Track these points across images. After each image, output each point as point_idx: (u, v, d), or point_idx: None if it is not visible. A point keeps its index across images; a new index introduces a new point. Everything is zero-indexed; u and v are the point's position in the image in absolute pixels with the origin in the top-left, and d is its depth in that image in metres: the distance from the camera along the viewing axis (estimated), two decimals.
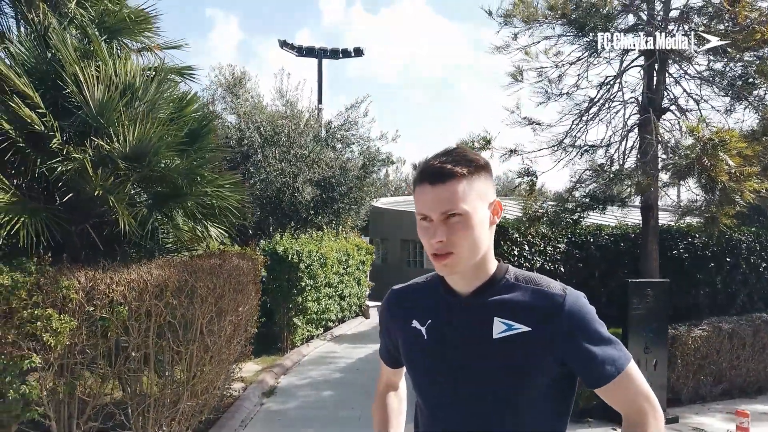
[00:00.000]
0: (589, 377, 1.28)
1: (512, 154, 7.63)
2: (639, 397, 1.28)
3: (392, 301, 1.51)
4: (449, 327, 1.34)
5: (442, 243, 1.22)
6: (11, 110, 4.14)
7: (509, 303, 1.29)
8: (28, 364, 3.72)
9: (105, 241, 5.18)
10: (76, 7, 5.07)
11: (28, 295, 3.75)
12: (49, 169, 4.17)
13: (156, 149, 4.47)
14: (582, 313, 1.26)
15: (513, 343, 1.26)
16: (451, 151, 1.29)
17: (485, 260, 1.31)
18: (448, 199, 1.21)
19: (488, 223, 1.29)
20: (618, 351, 1.28)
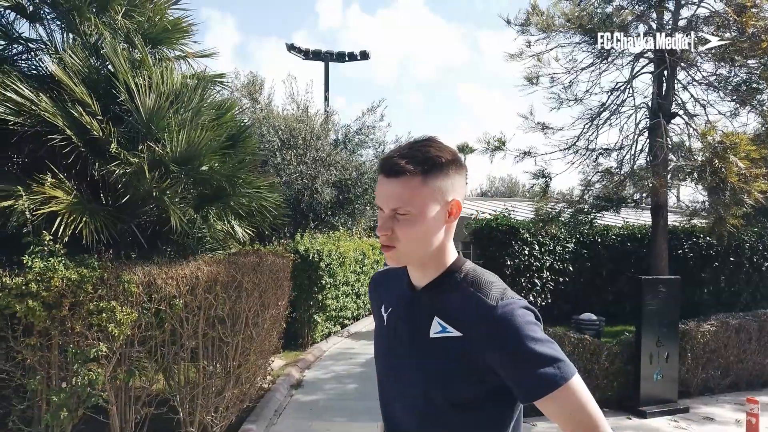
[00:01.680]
0: (517, 392, 1.20)
1: (526, 156, 7.94)
2: (578, 416, 1.17)
3: (373, 283, 1.55)
4: (401, 318, 1.35)
5: (387, 236, 1.23)
6: (73, 117, 4.44)
7: (449, 304, 1.27)
8: (95, 353, 4.02)
9: (147, 240, 5.49)
10: (123, 18, 5.37)
11: (93, 288, 4.06)
12: (106, 172, 4.46)
13: (203, 153, 4.77)
14: (512, 325, 1.17)
15: (445, 346, 1.24)
16: (416, 144, 1.27)
17: (438, 256, 1.29)
18: (397, 196, 1.21)
19: (442, 221, 1.26)
20: (553, 368, 1.17)
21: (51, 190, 4.22)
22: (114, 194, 4.94)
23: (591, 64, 7.58)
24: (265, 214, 5.58)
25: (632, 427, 5.69)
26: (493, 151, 7.90)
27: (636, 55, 7.00)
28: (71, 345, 4.03)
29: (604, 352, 6.02)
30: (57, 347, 4.10)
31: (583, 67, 7.74)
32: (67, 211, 4.21)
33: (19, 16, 5.30)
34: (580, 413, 1.16)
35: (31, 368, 4.07)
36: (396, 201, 1.21)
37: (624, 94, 7.62)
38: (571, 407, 1.17)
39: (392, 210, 1.22)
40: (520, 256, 10.53)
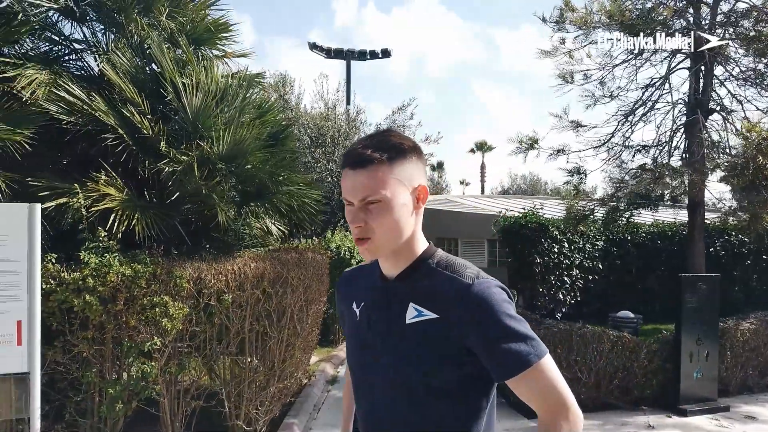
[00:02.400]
0: (493, 369, 1.22)
1: (559, 154, 7.90)
2: (549, 396, 1.20)
3: (341, 282, 1.55)
4: (374, 310, 1.36)
5: (361, 228, 1.23)
6: (123, 116, 4.54)
7: (424, 289, 1.28)
8: (149, 346, 4.12)
9: (189, 236, 5.59)
10: (167, 19, 5.47)
11: (146, 284, 4.15)
12: (156, 170, 4.55)
13: (248, 151, 4.84)
14: (489, 302, 1.20)
15: (422, 330, 1.25)
16: (375, 135, 1.29)
17: (410, 244, 1.31)
18: (366, 186, 1.22)
19: (411, 207, 1.28)
20: (527, 346, 1.20)
21: (104, 188, 4.32)
22: (159, 192, 5.04)
23: (625, 60, 7.52)
24: (305, 211, 5.64)
25: (674, 425, 5.66)
26: (526, 150, 7.88)
27: (673, 51, 6.94)
28: (125, 339, 4.12)
29: (643, 349, 5.98)
30: (111, 341, 4.20)
31: (617, 63, 7.69)
32: (120, 208, 4.31)
33: (62, 17, 5.42)
34: (552, 390, 1.20)
35: (86, 361, 4.17)
36: (365, 190, 1.22)
37: (659, 91, 7.55)
38: (544, 384, 1.20)
39: (362, 200, 1.23)
40: (549, 253, 10.49)
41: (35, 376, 3.76)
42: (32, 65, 4.73)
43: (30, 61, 4.78)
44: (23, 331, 3.74)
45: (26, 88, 4.55)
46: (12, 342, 3.75)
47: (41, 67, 4.79)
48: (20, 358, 3.74)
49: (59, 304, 4.00)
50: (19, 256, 3.72)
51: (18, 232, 3.71)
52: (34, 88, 4.57)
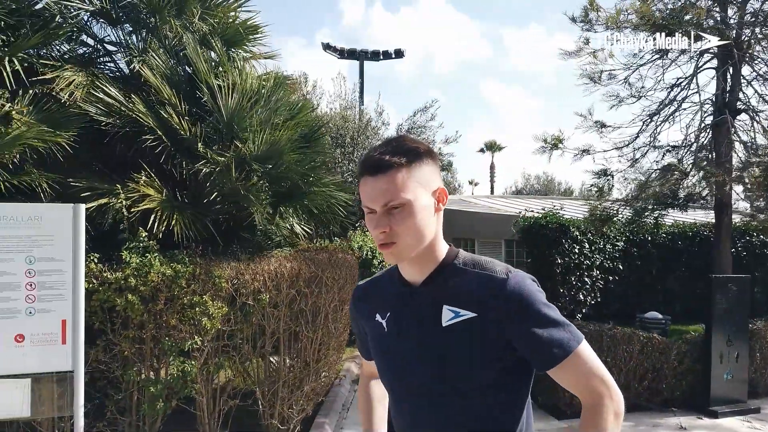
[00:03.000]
0: (536, 360, 1.24)
1: (584, 154, 7.88)
2: (592, 378, 1.22)
3: (357, 297, 1.53)
4: (404, 317, 1.34)
5: (386, 234, 1.23)
6: (161, 118, 4.58)
7: (456, 289, 1.28)
8: (190, 345, 4.16)
9: (221, 236, 5.63)
10: (199, 21, 5.51)
11: (186, 283, 4.18)
12: (194, 170, 4.59)
13: (283, 152, 4.87)
14: (525, 294, 1.22)
15: (461, 330, 1.24)
16: (391, 141, 1.29)
17: (433, 247, 1.31)
18: (387, 190, 1.21)
19: (433, 210, 1.28)
20: (567, 332, 1.23)
21: (144, 189, 4.37)
22: (191, 192, 5.07)
23: (651, 60, 7.49)
24: (334, 212, 5.66)
25: (705, 426, 5.63)
26: (550, 149, 7.87)
27: (701, 50, 6.91)
28: (166, 338, 4.16)
29: (673, 351, 5.96)
30: (151, 340, 4.24)
31: (642, 63, 7.66)
32: (159, 209, 4.35)
33: (95, 19, 5.47)
34: (594, 374, 1.23)
35: (127, 360, 4.22)
36: (387, 195, 1.21)
37: (685, 91, 7.51)
38: (585, 369, 1.22)
39: (384, 206, 1.22)
40: (570, 254, 10.45)
41: (79, 374, 3.81)
42: (69, 67, 4.79)
43: (67, 63, 4.85)
44: (68, 330, 3.79)
45: (64, 90, 4.62)
46: (57, 341, 3.80)
47: (78, 69, 4.85)
48: (65, 356, 3.79)
49: (101, 303, 4.05)
50: (64, 256, 3.77)
51: (63, 233, 3.77)
52: (72, 90, 4.64)
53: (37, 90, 4.61)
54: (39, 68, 4.68)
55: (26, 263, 3.70)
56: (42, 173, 4.19)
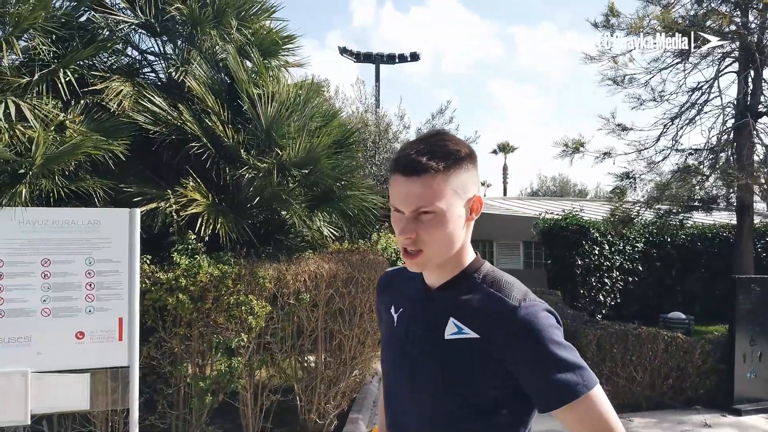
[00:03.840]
0: (537, 399, 1.14)
1: (606, 157, 8.03)
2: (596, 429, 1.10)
3: (380, 286, 1.50)
4: (413, 319, 1.30)
5: (412, 240, 1.16)
6: (206, 126, 4.81)
7: (467, 305, 1.21)
8: (237, 342, 4.37)
9: (257, 238, 5.85)
10: (236, 32, 5.73)
11: (233, 283, 4.40)
12: (238, 176, 4.81)
13: (319, 158, 5.08)
14: (535, 328, 1.12)
15: (460, 347, 1.18)
16: (430, 139, 1.20)
17: (458, 256, 1.24)
18: (420, 196, 1.14)
19: (464, 220, 1.21)
20: (576, 376, 1.11)
21: (191, 193, 4.59)
22: (235, 196, 5.29)
23: (672, 64, 7.62)
24: (365, 215, 5.86)
25: (730, 424, 5.75)
26: (572, 153, 8.02)
27: (723, 54, 7.03)
28: (214, 335, 4.38)
29: (697, 350, 6.09)
30: (199, 337, 4.46)
31: (663, 67, 7.79)
32: (205, 212, 4.57)
33: (135, 30, 5.71)
34: (602, 424, 1.10)
35: (176, 356, 4.44)
36: (419, 200, 1.14)
37: (707, 95, 7.63)
38: (592, 418, 1.10)
39: (414, 211, 1.15)
40: (590, 255, 10.59)
41: (134, 369, 4.02)
42: (117, 77, 5.03)
43: (114, 74, 5.08)
44: (124, 328, 4.01)
45: (113, 100, 4.85)
46: (114, 337, 4.02)
47: (124, 79, 5.08)
48: (121, 352, 4.01)
49: (153, 302, 4.28)
50: (120, 258, 3.99)
51: (120, 235, 3.99)
52: (120, 100, 4.87)
53: (88, 100, 4.84)
54: (89, 79, 4.92)
55: (86, 264, 3.92)
56: (96, 179, 4.42)
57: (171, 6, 5.27)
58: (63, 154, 3.98)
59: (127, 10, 5.39)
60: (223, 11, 5.62)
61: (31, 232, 3.81)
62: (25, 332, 3.82)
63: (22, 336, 3.82)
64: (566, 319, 6.32)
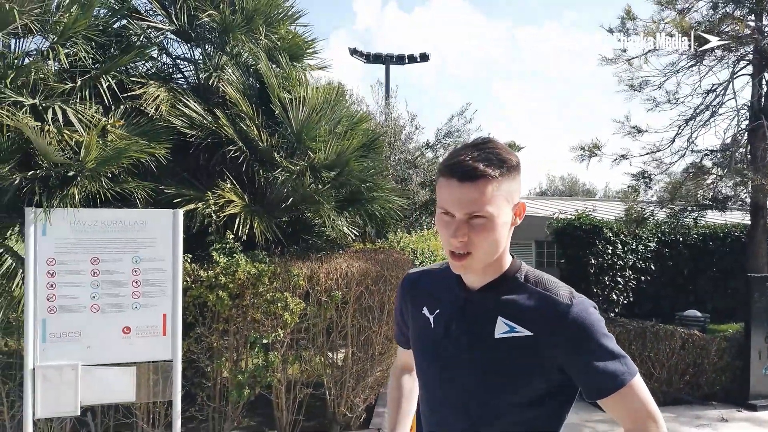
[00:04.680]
0: (588, 389, 1.24)
1: (622, 159, 8.18)
2: (642, 413, 1.22)
3: (407, 286, 1.52)
4: (455, 319, 1.33)
5: (463, 242, 1.20)
6: (241, 129, 5.00)
7: (515, 304, 1.27)
8: (273, 338, 4.56)
9: (285, 238, 6.03)
10: (264, 38, 5.92)
11: (269, 281, 4.59)
12: (272, 178, 5.00)
13: (349, 160, 5.26)
14: (587, 323, 1.21)
15: (513, 345, 1.24)
16: (483, 146, 1.24)
17: (500, 258, 1.29)
18: (475, 201, 1.18)
19: (510, 224, 1.27)
20: (622, 365, 1.22)
21: (229, 195, 4.78)
22: (267, 197, 5.47)
23: (687, 66, 7.76)
24: (391, 216, 6.04)
25: (745, 418, 5.90)
26: (589, 156, 8.17)
27: (738, 57, 7.17)
28: (252, 331, 4.57)
29: (713, 347, 6.23)
30: (236, 333, 4.65)
31: (677, 70, 7.93)
32: (242, 213, 4.76)
33: (165, 36, 5.90)
34: (643, 408, 1.22)
35: (215, 351, 4.63)
36: (473, 205, 1.18)
37: (721, 97, 7.77)
38: (637, 403, 1.22)
39: (467, 214, 1.19)
40: (603, 254, 10.72)
41: (177, 363, 4.21)
42: (153, 83, 5.22)
43: (150, 79, 5.28)
44: (168, 323, 4.21)
45: (150, 104, 5.04)
46: (158, 332, 4.21)
47: (159, 85, 5.27)
48: (165, 346, 4.20)
49: (194, 299, 4.47)
50: (165, 256, 4.18)
51: (164, 235, 4.18)
52: (158, 104, 5.06)
53: (127, 105, 5.04)
54: (127, 84, 5.11)
55: (132, 263, 4.12)
56: (137, 182, 4.61)
57: (203, 13, 5.46)
58: (111, 157, 4.17)
59: (160, 17, 5.57)
60: (252, 17, 5.80)
61: (81, 232, 4.01)
62: (75, 327, 4.02)
63: (73, 331, 4.02)
64: None
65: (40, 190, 4.02)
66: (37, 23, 4.68)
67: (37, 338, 3.93)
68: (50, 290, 3.95)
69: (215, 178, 5.15)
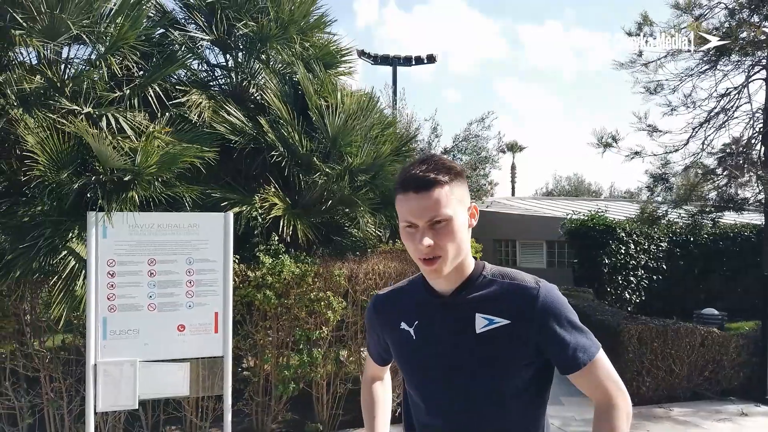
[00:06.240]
0: (562, 364, 1.34)
1: (636, 156, 8.39)
2: (608, 382, 1.34)
3: (379, 306, 1.58)
4: (435, 326, 1.41)
5: (431, 248, 1.28)
6: (282, 135, 5.21)
7: (488, 298, 1.36)
8: (318, 335, 4.77)
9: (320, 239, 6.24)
10: (299, 47, 6.13)
11: (312, 280, 4.80)
12: (312, 181, 5.20)
13: (384, 164, 5.47)
14: (555, 303, 1.33)
15: (495, 336, 1.33)
16: (428, 160, 1.33)
17: (464, 260, 1.37)
18: (432, 206, 1.27)
19: (467, 225, 1.36)
20: (589, 340, 1.36)
21: (272, 198, 4.99)
22: (305, 200, 5.68)
23: (702, 70, 7.97)
24: None
25: (764, 413, 6.10)
26: (605, 146, 8.38)
27: (752, 63, 7.38)
28: (296, 328, 4.78)
29: (731, 344, 6.44)
30: (280, 330, 4.86)
31: (691, 74, 8.14)
32: (285, 215, 4.97)
33: (209, 46, 6.12)
34: (609, 377, 1.35)
35: (261, 348, 4.84)
36: (432, 211, 1.27)
37: (735, 101, 7.97)
38: (602, 373, 1.35)
39: (429, 221, 1.28)
40: (616, 254, 10.93)
41: (228, 358, 4.42)
42: (195, 90, 5.43)
43: (192, 87, 5.49)
44: (219, 321, 4.41)
45: (194, 111, 5.25)
46: (210, 330, 4.41)
47: (200, 92, 5.48)
48: (217, 343, 4.40)
49: (242, 298, 4.68)
50: (216, 257, 4.38)
51: (215, 237, 4.38)
52: (201, 111, 5.27)
53: (172, 112, 5.24)
54: (171, 92, 5.32)
55: (186, 264, 4.32)
56: (185, 186, 4.82)
57: (239, 22, 5.66)
58: (167, 162, 4.38)
59: (198, 26, 5.78)
60: (287, 27, 6.01)
61: (139, 234, 4.21)
62: (134, 325, 4.22)
63: (131, 328, 4.23)
64: (606, 315, 6.68)
65: (101, 195, 4.23)
66: (87, 33, 4.89)
67: (98, 336, 4.13)
68: (110, 290, 4.15)
69: (254, 182, 5.36)
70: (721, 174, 7.92)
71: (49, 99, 4.58)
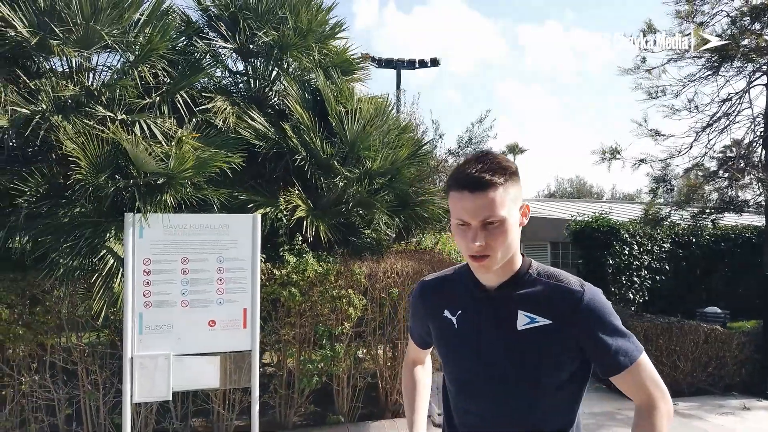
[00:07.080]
0: (604, 367, 1.37)
1: (641, 163, 8.62)
2: (650, 384, 1.36)
3: (425, 292, 1.61)
4: (478, 318, 1.44)
5: (482, 246, 1.31)
6: (304, 140, 5.44)
7: (532, 297, 1.39)
8: (340, 331, 5.00)
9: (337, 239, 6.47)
10: (317, 53, 6.36)
11: (334, 279, 5.03)
12: (332, 184, 5.44)
13: (401, 167, 5.71)
14: (599, 307, 1.35)
15: (536, 334, 1.36)
16: (484, 158, 1.34)
17: (513, 257, 1.40)
18: (487, 207, 1.29)
19: (518, 225, 1.38)
20: (631, 343, 1.37)
21: (296, 200, 5.22)
22: (325, 202, 5.91)
23: (705, 76, 8.20)
24: (437, 218, 6.47)
25: (765, 407, 6.33)
26: (609, 160, 8.61)
27: (754, 69, 7.61)
28: (320, 324, 5.01)
29: (734, 341, 6.66)
30: (303, 326, 5.09)
31: (693, 79, 8.37)
32: (308, 216, 5.20)
33: (232, 54, 6.35)
34: (652, 380, 1.37)
35: (286, 343, 5.07)
36: (486, 211, 1.29)
37: (737, 106, 8.20)
38: (646, 375, 1.37)
39: (482, 221, 1.31)
40: (620, 255, 11.15)
41: (256, 352, 4.65)
42: (219, 97, 5.66)
43: (216, 93, 5.72)
44: (248, 317, 4.64)
45: (219, 117, 5.49)
46: (239, 325, 4.65)
47: (224, 98, 5.72)
48: (245, 338, 4.64)
49: (268, 295, 4.92)
50: (245, 256, 4.62)
51: (244, 237, 4.62)
52: (225, 117, 5.50)
53: (198, 118, 5.48)
54: (197, 98, 5.55)
55: (217, 262, 4.56)
56: (213, 189, 5.05)
57: (260, 31, 5.90)
58: (200, 166, 4.62)
59: (221, 36, 6.01)
60: (306, 35, 6.24)
61: (173, 234, 4.45)
62: (168, 320, 4.46)
63: (165, 324, 4.46)
64: None
65: (138, 197, 4.46)
66: (117, 42, 5.13)
67: (135, 330, 4.37)
68: (146, 287, 4.39)
69: (275, 185, 5.60)
70: (722, 176, 8.14)
71: (85, 106, 4.82)
